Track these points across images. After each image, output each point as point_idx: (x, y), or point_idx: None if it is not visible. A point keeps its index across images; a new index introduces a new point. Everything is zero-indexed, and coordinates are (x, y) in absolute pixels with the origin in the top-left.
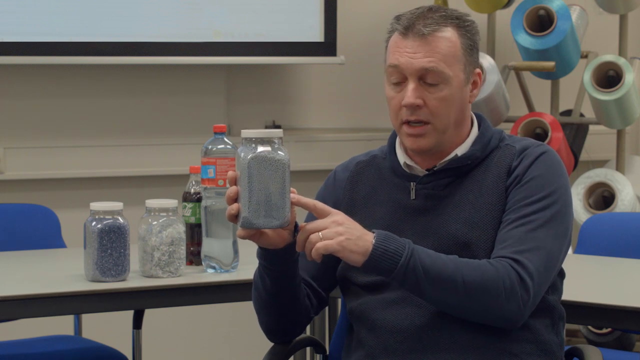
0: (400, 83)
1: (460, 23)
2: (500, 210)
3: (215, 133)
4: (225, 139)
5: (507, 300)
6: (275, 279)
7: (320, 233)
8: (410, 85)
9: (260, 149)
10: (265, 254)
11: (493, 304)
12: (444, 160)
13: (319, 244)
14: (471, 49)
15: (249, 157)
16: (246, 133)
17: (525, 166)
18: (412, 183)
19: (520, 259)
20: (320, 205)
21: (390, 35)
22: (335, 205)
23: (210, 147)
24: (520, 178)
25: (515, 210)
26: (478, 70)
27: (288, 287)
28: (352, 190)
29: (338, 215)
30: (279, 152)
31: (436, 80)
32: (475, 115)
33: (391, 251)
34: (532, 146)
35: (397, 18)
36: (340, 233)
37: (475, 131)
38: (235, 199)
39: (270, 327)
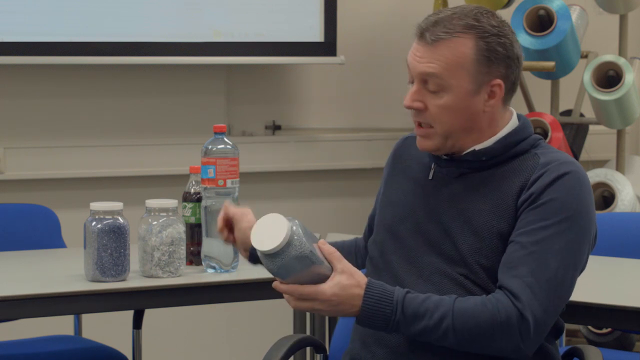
0: (412, 82)
1: (480, 33)
2: (501, 217)
3: (215, 133)
4: (225, 139)
5: (504, 342)
6: None
7: (303, 306)
8: (413, 88)
9: (282, 257)
10: None
11: (488, 348)
12: (464, 152)
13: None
14: (488, 59)
15: (275, 268)
16: (259, 245)
17: (543, 184)
18: (433, 164)
19: (528, 297)
20: (336, 255)
21: None
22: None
23: (210, 147)
24: (536, 197)
25: (529, 233)
26: (498, 81)
27: None
28: (392, 164)
29: (330, 290)
30: (294, 250)
31: (437, 88)
32: (519, 118)
33: (377, 326)
34: (556, 162)
35: (425, 18)
36: (321, 311)
37: (505, 131)
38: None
39: None
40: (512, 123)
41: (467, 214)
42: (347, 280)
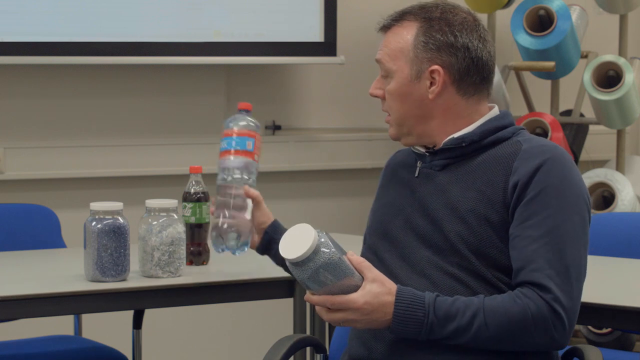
0: None
1: (423, 20)
2: (488, 204)
3: (240, 110)
4: (248, 118)
5: (539, 335)
6: None
7: (335, 317)
8: (377, 77)
9: (310, 266)
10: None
11: (522, 343)
12: (442, 142)
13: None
14: (425, 45)
15: (305, 277)
16: (287, 254)
17: (528, 171)
18: (419, 162)
19: (553, 288)
20: (366, 264)
21: None
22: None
23: (231, 124)
24: (524, 185)
25: (535, 225)
26: (435, 67)
27: None
28: (383, 175)
29: (362, 299)
30: (322, 258)
31: (385, 74)
32: (500, 111)
33: (410, 331)
34: (538, 147)
35: None
36: (354, 321)
37: (484, 119)
38: None
39: None
40: (492, 113)
41: (453, 203)
42: (378, 288)
